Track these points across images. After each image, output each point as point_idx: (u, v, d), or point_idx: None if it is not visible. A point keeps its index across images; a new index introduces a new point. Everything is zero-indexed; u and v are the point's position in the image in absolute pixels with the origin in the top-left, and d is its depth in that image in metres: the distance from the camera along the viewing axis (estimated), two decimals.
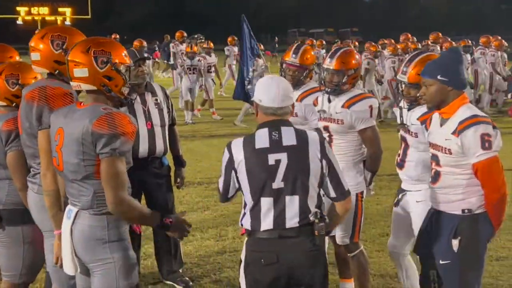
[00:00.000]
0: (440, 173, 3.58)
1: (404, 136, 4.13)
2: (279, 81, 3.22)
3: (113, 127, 2.93)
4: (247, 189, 3.10)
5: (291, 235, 3.08)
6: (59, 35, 3.58)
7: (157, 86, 5.15)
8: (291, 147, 3.09)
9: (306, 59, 4.92)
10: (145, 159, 4.91)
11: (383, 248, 5.88)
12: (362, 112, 4.27)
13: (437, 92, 3.50)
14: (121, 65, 3.13)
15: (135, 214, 3.03)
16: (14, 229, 3.81)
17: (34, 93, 3.45)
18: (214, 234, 6.32)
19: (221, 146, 10.99)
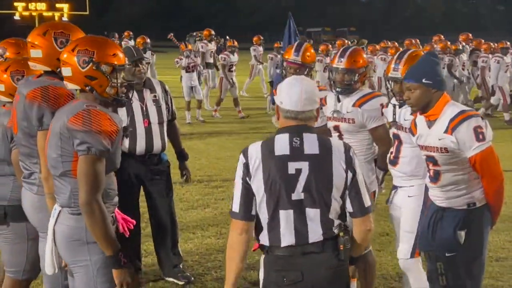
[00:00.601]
0: (440, 172, 3.63)
1: (397, 134, 4.16)
2: (304, 83, 2.91)
3: (87, 124, 2.87)
4: (263, 200, 2.79)
5: (315, 250, 2.79)
6: (62, 32, 3.49)
7: (156, 82, 5.15)
8: (313, 156, 2.80)
9: (307, 57, 4.97)
10: (142, 156, 4.93)
11: (384, 248, 5.91)
12: (373, 110, 4.29)
13: (423, 95, 3.56)
14: (104, 65, 3.03)
15: (101, 223, 2.86)
16: (19, 225, 3.80)
17: (36, 92, 3.36)
18: (214, 232, 6.32)
19: (220, 144, 11.20)
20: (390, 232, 6.17)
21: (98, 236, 2.89)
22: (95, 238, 2.90)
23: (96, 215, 2.86)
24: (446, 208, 3.66)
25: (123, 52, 3.16)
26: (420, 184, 4.06)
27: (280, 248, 2.81)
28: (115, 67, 3.07)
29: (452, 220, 3.61)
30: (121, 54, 3.12)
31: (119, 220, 3.14)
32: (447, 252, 3.61)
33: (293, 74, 4.88)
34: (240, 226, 2.82)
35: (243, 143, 11.37)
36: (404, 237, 4.14)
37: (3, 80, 3.82)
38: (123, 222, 3.17)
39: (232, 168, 9.20)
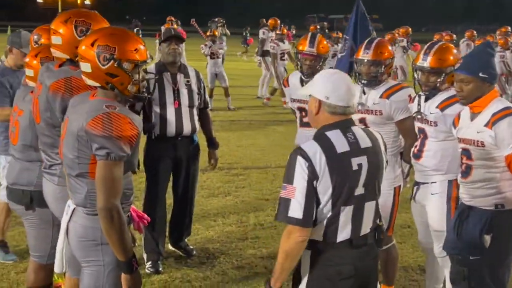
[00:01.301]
0: (472, 167, 3.56)
1: (422, 128, 4.10)
2: (344, 77, 2.88)
3: (108, 129, 2.73)
4: (327, 200, 2.72)
5: (363, 242, 2.83)
6: (84, 21, 3.40)
7: (191, 69, 5.26)
8: (368, 149, 2.81)
9: (322, 48, 4.98)
10: (174, 138, 5.07)
11: (405, 240, 5.88)
12: (401, 102, 4.24)
13: (477, 89, 3.48)
14: (126, 62, 2.87)
15: (118, 229, 2.77)
16: (44, 211, 3.81)
17: (59, 84, 3.32)
18: (235, 220, 6.33)
19: (240, 131, 11.16)
20: (412, 224, 6.13)
21: (114, 241, 2.80)
22: (110, 243, 2.82)
23: (114, 221, 2.77)
24: (472, 207, 3.58)
25: (144, 45, 3.02)
26: (443, 180, 4.02)
27: (335, 244, 2.78)
28: (137, 63, 2.91)
29: (478, 222, 3.52)
30: (142, 47, 2.97)
31: (135, 218, 3.09)
32: (471, 256, 3.53)
33: (308, 66, 4.93)
34: (303, 233, 2.71)
35: (263, 130, 11.39)
36: (435, 237, 4.11)
37: (33, 66, 3.84)
38: (138, 220, 3.12)
39: (252, 156, 9.28)
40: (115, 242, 2.80)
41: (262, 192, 7.36)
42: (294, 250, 2.75)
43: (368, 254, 2.89)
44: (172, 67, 5.08)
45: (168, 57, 5.05)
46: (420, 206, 4.19)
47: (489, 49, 3.57)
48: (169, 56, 5.04)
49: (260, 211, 6.65)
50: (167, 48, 5.04)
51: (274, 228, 6.10)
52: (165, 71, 5.06)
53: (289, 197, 2.70)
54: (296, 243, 2.72)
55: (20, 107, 3.86)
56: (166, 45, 5.05)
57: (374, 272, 2.98)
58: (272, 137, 10.83)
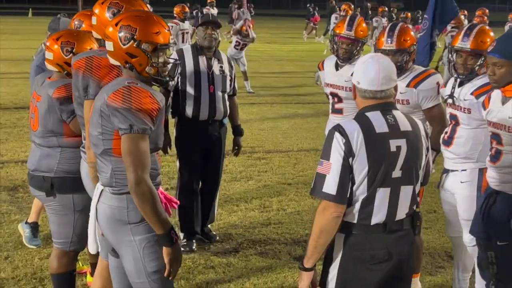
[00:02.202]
0: (502, 152, 3.47)
1: (455, 114, 3.97)
2: (380, 61, 2.83)
3: (127, 101, 2.76)
4: (363, 179, 2.71)
5: (398, 228, 2.81)
6: (117, 3, 3.45)
7: (224, 56, 5.33)
8: (408, 132, 2.79)
9: (361, 31, 4.79)
10: (206, 121, 5.15)
11: (431, 226, 5.78)
12: (429, 90, 4.11)
13: (510, 73, 3.37)
14: (145, 43, 2.89)
15: (151, 202, 2.78)
16: (65, 197, 3.81)
17: (80, 63, 3.40)
18: (258, 205, 6.27)
19: (261, 114, 11.11)
20: (438, 209, 6.04)
21: (149, 215, 2.80)
22: (146, 218, 2.83)
23: (146, 195, 2.77)
24: (499, 193, 3.51)
25: (169, 29, 3.04)
26: (473, 169, 3.91)
27: (369, 226, 2.77)
28: (157, 46, 2.93)
29: (506, 207, 3.45)
30: (166, 31, 2.99)
31: (163, 200, 3.05)
32: (498, 241, 3.47)
33: (344, 50, 4.75)
34: (337, 210, 2.71)
35: (285, 113, 11.29)
36: (465, 226, 4.00)
37: (54, 50, 3.83)
38: (166, 202, 3.09)
39: (274, 140, 9.21)
40: (151, 215, 2.80)
41: (284, 177, 7.28)
42: (329, 226, 2.73)
43: (404, 240, 2.85)
44: (208, 52, 5.15)
45: (204, 42, 5.12)
46: (449, 194, 4.08)
47: None
48: (205, 41, 5.12)
49: (283, 195, 6.58)
50: (204, 32, 5.12)
51: (297, 214, 6.03)
52: (201, 54, 5.14)
53: (324, 173, 2.71)
54: (331, 218, 2.72)
55: (39, 93, 3.84)
56: (203, 29, 5.12)
57: (409, 259, 2.92)
58: (294, 120, 10.74)
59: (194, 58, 5.11)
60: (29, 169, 3.93)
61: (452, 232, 4.29)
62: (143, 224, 2.89)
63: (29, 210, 5.72)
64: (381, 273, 2.81)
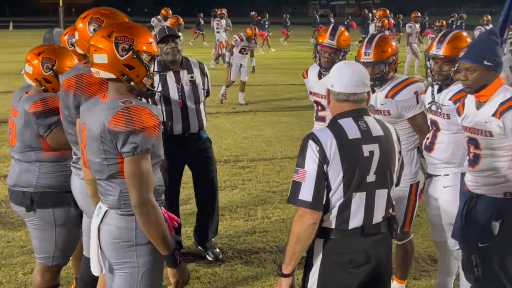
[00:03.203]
0: (480, 156, 3.51)
1: (435, 120, 3.99)
2: (354, 66, 2.92)
3: (130, 124, 2.70)
4: (338, 185, 2.77)
5: (376, 231, 2.87)
6: (98, 18, 3.40)
7: (194, 63, 5.20)
8: (380, 137, 2.86)
9: (343, 41, 4.81)
10: (181, 135, 5.05)
11: (415, 230, 5.78)
12: (407, 100, 4.08)
13: (482, 77, 3.40)
14: (144, 54, 2.85)
15: (156, 223, 2.74)
16: (46, 211, 3.78)
17: (70, 81, 3.34)
18: (243, 214, 6.27)
19: (245, 123, 11.08)
20: (421, 213, 6.06)
21: (154, 236, 2.76)
22: (151, 238, 2.78)
23: (151, 216, 2.73)
24: (480, 196, 3.54)
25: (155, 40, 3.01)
26: (456, 173, 3.93)
27: (347, 231, 2.82)
28: (154, 56, 2.90)
29: (486, 210, 3.48)
30: (154, 42, 2.96)
31: (167, 219, 2.99)
32: (480, 243, 3.50)
33: (327, 58, 4.77)
34: (313, 216, 2.76)
35: (269, 121, 11.31)
36: (449, 230, 4.01)
37: (34, 64, 3.79)
38: (169, 221, 3.04)
39: (258, 148, 9.21)
40: (155, 237, 2.77)
41: (269, 185, 7.29)
42: (305, 233, 2.79)
43: (381, 243, 2.91)
44: (173, 65, 5.04)
45: (168, 57, 5.00)
46: (433, 199, 4.10)
47: (493, 36, 3.50)
48: (169, 56, 5.00)
49: (268, 204, 6.59)
50: (165, 47, 4.98)
51: (282, 221, 6.03)
52: (167, 69, 5.03)
53: (300, 180, 2.78)
54: (307, 225, 2.77)
55: (16, 108, 3.82)
56: (164, 45, 4.98)
57: (387, 262, 2.99)
58: (278, 127, 10.75)
59: (160, 74, 4.99)
60: (9, 185, 3.91)
61: (436, 236, 4.31)
62: (150, 245, 2.84)
63: (12, 225, 5.69)
64: (361, 277, 2.86)
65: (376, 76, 4.11)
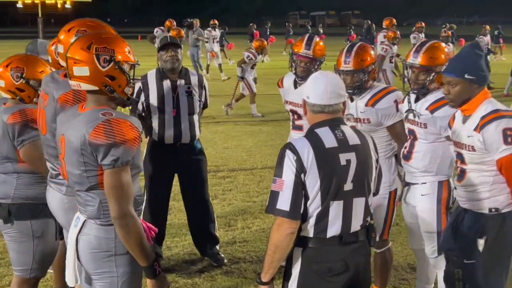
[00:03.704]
0: (466, 171, 3.50)
1: (412, 129, 4.03)
2: (329, 76, 2.93)
3: (111, 136, 2.69)
4: (316, 194, 2.79)
5: (354, 240, 2.88)
6: (85, 30, 3.36)
7: (193, 75, 5.21)
8: (357, 146, 2.87)
9: (318, 50, 4.86)
10: (173, 145, 5.06)
11: (394, 238, 5.83)
12: (387, 108, 4.13)
13: (464, 91, 3.41)
14: (125, 64, 2.85)
15: (136, 234, 2.75)
16: (24, 223, 3.75)
17: (68, 96, 3.31)
18: (223, 224, 6.25)
19: (226, 133, 11.07)
20: (400, 221, 6.09)
21: (133, 247, 2.77)
22: (130, 250, 2.79)
23: (131, 227, 2.74)
24: (467, 210, 3.54)
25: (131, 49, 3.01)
26: (433, 181, 3.97)
27: (325, 239, 2.84)
28: (133, 64, 2.91)
29: (472, 226, 3.48)
30: (131, 51, 2.96)
31: (145, 229, 3.00)
32: (465, 259, 3.49)
33: (303, 68, 4.81)
34: (291, 226, 2.78)
35: (249, 131, 11.33)
36: (426, 238, 4.06)
37: (4, 77, 3.77)
38: (148, 231, 3.04)
39: (238, 158, 9.22)
40: (135, 248, 2.77)
41: (249, 194, 7.30)
42: (283, 242, 2.80)
43: (360, 251, 2.92)
44: (171, 74, 5.05)
45: (167, 65, 5.02)
46: (411, 207, 4.14)
47: (476, 50, 3.50)
48: (168, 64, 5.01)
49: (248, 213, 6.59)
50: (165, 55, 5.01)
51: (263, 231, 6.03)
52: (165, 78, 5.04)
53: (277, 190, 2.78)
54: (285, 235, 2.78)
55: None
56: (164, 52, 5.02)
57: (366, 270, 3.00)
58: (258, 137, 10.78)
59: (158, 82, 5.02)
60: None
61: (415, 244, 4.34)
62: (128, 255, 2.84)
63: None
64: (339, 285, 2.87)
65: (355, 84, 4.15)
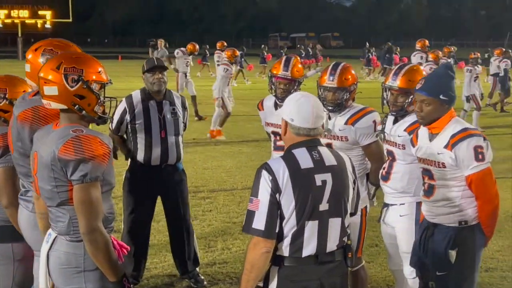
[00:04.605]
0: (435, 186, 3.61)
1: (391, 150, 4.12)
2: (312, 99, 2.98)
3: (80, 152, 2.76)
4: (291, 213, 2.82)
5: (330, 259, 2.91)
6: (51, 49, 3.43)
7: (176, 96, 5.29)
8: (333, 167, 2.91)
9: (296, 71, 4.94)
10: (158, 166, 5.09)
11: (373, 259, 5.88)
12: (366, 128, 4.24)
13: (436, 110, 3.53)
14: (93, 83, 2.93)
15: (104, 250, 2.80)
16: (4, 246, 3.72)
17: (27, 114, 3.33)
18: (203, 245, 6.25)
19: (206, 153, 11.07)
20: (379, 243, 6.16)
21: (102, 263, 2.82)
22: (99, 265, 2.82)
23: (99, 243, 2.78)
24: (437, 225, 3.64)
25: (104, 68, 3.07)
26: (411, 202, 4.05)
27: (301, 259, 2.86)
28: (103, 84, 2.98)
29: (443, 239, 3.59)
30: (103, 70, 3.03)
31: (116, 247, 3.03)
32: (438, 271, 3.59)
33: (282, 90, 4.88)
34: (266, 245, 2.82)
35: (229, 151, 11.35)
36: (405, 258, 4.12)
37: None
38: (119, 249, 3.06)
39: (218, 178, 9.23)
40: (103, 263, 2.82)
41: (229, 215, 7.31)
42: (259, 261, 2.84)
43: (336, 271, 2.94)
44: (157, 95, 5.10)
45: (153, 87, 5.06)
46: (390, 227, 4.20)
47: (449, 71, 3.63)
48: (154, 86, 5.06)
49: (228, 234, 6.60)
50: (152, 78, 5.05)
51: (242, 252, 6.03)
52: (151, 99, 5.08)
53: (253, 209, 2.84)
54: (260, 254, 2.82)
55: None
56: (150, 75, 5.05)
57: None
58: (238, 158, 10.81)
59: (143, 103, 5.05)
60: None
61: (393, 265, 4.39)
62: (98, 271, 2.87)
63: None
64: None
65: (336, 101, 4.27)
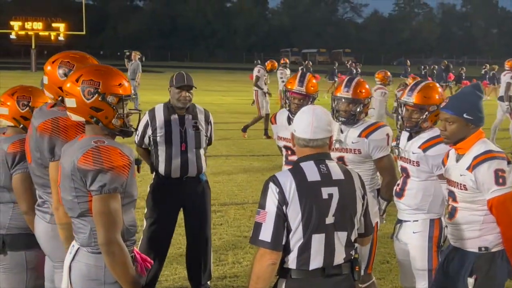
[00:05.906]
0: (457, 209, 3.55)
1: (405, 167, 4.11)
2: (316, 111, 3.01)
3: (98, 163, 2.79)
4: (297, 226, 2.85)
5: (337, 272, 2.93)
6: (68, 62, 3.46)
7: (200, 110, 5.33)
8: (340, 181, 2.94)
9: (311, 87, 4.97)
10: (179, 179, 5.14)
11: (384, 276, 5.85)
12: (380, 140, 4.29)
13: (460, 130, 3.47)
14: (110, 96, 2.95)
15: (122, 263, 2.81)
16: (18, 254, 3.74)
17: (46, 124, 3.35)
18: (214, 259, 6.19)
19: (217, 167, 11.10)
20: (391, 259, 6.13)
21: (119, 275, 2.83)
22: (116, 277, 2.83)
23: (117, 256, 2.79)
24: (458, 249, 3.58)
25: (128, 81, 3.09)
26: (425, 219, 4.03)
27: (308, 271, 2.88)
28: (121, 97, 2.99)
29: (462, 265, 3.51)
30: (126, 83, 3.05)
31: (138, 260, 3.04)
32: None
33: (296, 105, 4.90)
34: (272, 257, 2.84)
35: (240, 165, 11.35)
36: (418, 276, 4.09)
37: (9, 105, 3.83)
38: (141, 262, 3.08)
39: (229, 192, 9.23)
40: (120, 276, 2.83)
41: (240, 229, 7.30)
42: (265, 273, 2.86)
43: (343, 284, 2.96)
44: (179, 110, 5.16)
45: (178, 103, 5.12)
46: (403, 244, 4.18)
47: (477, 91, 3.55)
48: (179, 103, 5.12)
49: (239, 248, 6.58)
50: (178, 94, 5.10)
51: None
52: (173, 113, 5.14)
53: (260, 221, 2.87)
54: (266, 266, 2.85)
55: None
56: (178, 91, 5.10)
57: None
58: (249, 172, 10.80)
59: (165, 116, 5.11)
60: None
61: (406, 282, 4.36)
62: (118, 285, 2.88)
63: None
64: None
65: (349, 113, 4.32)
